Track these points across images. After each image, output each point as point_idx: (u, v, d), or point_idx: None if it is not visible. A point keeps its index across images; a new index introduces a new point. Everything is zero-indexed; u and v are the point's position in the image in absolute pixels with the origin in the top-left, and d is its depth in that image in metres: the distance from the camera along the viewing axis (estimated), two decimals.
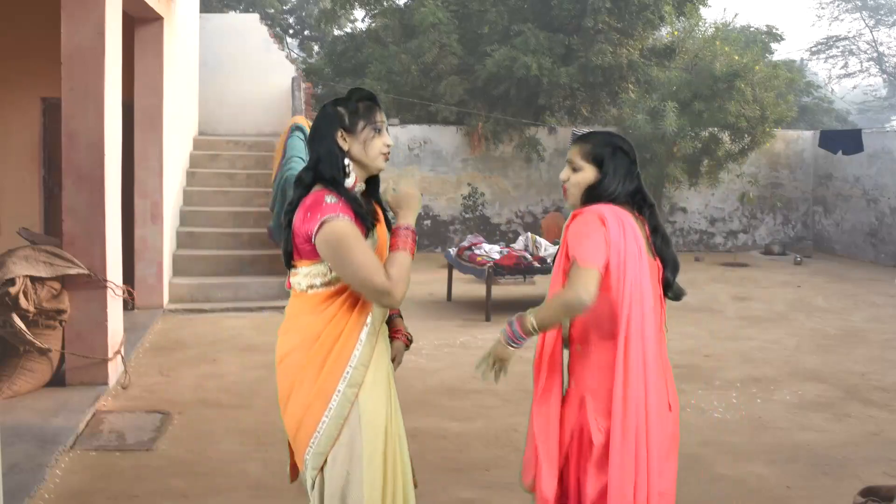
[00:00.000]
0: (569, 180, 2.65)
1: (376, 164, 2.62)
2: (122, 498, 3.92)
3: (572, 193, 2.65)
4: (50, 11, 5.93)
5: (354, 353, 2.48)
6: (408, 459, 2.64)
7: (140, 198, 8.02)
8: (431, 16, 13.05)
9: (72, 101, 5.45)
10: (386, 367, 2.60)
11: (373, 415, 2.48)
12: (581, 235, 2.47)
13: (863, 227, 13.45)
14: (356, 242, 2.40)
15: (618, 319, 2.45)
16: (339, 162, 2.54)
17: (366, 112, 2.57)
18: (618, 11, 13.07)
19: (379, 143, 2.59)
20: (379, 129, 2.58)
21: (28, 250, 5.34)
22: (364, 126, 2.56)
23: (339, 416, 2.45)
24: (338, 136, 2.55)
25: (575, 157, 2.64)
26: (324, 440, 2.45)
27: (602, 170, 2.60)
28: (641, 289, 2.48)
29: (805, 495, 4.10)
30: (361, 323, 2.50)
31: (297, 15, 23.04)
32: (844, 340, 7.62)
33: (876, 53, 29.36)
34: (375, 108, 2.60)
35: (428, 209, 13.60)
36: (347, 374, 2.46)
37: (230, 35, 12.30)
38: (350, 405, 2.45)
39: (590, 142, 2.65)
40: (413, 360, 6.67)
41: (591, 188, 2.60)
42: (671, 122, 11.85)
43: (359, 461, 2.44)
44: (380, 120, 2.59)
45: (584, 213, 2.53)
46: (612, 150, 2.62)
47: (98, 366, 5.47)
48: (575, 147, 2.68)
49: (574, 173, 2.64)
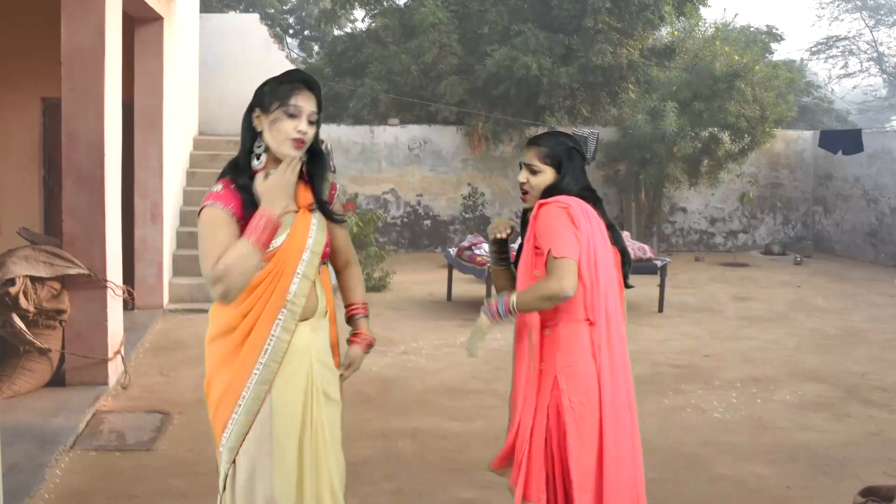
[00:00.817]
0: (528, 183, 2.75)
1: (281, 149, 2.40)
2: (122, 498, 3.92)
3: (532, 196, 2.75)
4: (50, 11, 5.93)
5: (266, 347, 2.42)
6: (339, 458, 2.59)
7: (140, 198, 8.02)
8: (431, 16, 13.05)
9: (72, 101, 5.45)
10: (308, 363, 2.50)
11: (286, 410, 2.44)
12: (554, 228, 2.57)
13: (863, 227, 13.45)
14: (210, 229, 2.34)
15: (589, 303, 2.58)
16: (247, 142, 2.45)
17: (285, 92, 2.39)
18: (618, 11, 13.08)
19: (288, 127, 2.38)
20: (292, 113, 2.38)
21: (28, 250, 5.34)
22: (278, 107, 2.38)
23: (250, 411, 2.42)
24: (253, 115, 2.44)
25: (533, 161, 2.75)
26: (234, 436, 2.44)
27: (560, 171, 2.73)
28: (609, 274, 2.65)
29: (805, 495, 4.10)
30: (273, 317, 2.43)
31: (297, 15, 23.04)
32: (844, 340, 7.62)
33: (876, 53, 29.37)
34: (300, 91, 2.40)
35: (428, 209, 13.60)
36: (257, 371, 2.42)
37: (230, 35, 12.30)
38: (260, 402, 2.42)
39: (546, 145, 2.77)
40: (413, 360, 6.68)
41: (548, 188, 2.72)
42: (671, 122, 11.85)
43: (267, 456, 2.42)
44: (295, 104, 2.39)
45: (551, 206, 2.62)
46: (567, 151, 2.76)
47: (98, 366, 5.47)
48: (531, 151, 2.78)
49: (533, 176, 2.75)
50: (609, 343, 2.60)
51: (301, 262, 2.46)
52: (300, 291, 2.46)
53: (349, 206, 10.94)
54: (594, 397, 2.57)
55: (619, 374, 2.62)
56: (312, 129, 2.44)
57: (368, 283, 9.69)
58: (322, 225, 2.53)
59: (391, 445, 4.68)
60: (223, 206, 2.37)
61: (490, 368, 6.41)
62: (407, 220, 13.56)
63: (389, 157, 13.50)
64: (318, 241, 2.51)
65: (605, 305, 2.61)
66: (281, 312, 2.44)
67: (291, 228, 2.46)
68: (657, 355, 6.93)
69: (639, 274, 9.20)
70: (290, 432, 2.44)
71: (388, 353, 6.81)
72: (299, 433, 2.45)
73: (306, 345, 2.50)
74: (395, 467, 4.35)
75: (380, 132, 13.50)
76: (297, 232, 2.46)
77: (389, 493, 4.01)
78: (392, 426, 4.96)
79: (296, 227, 2.46)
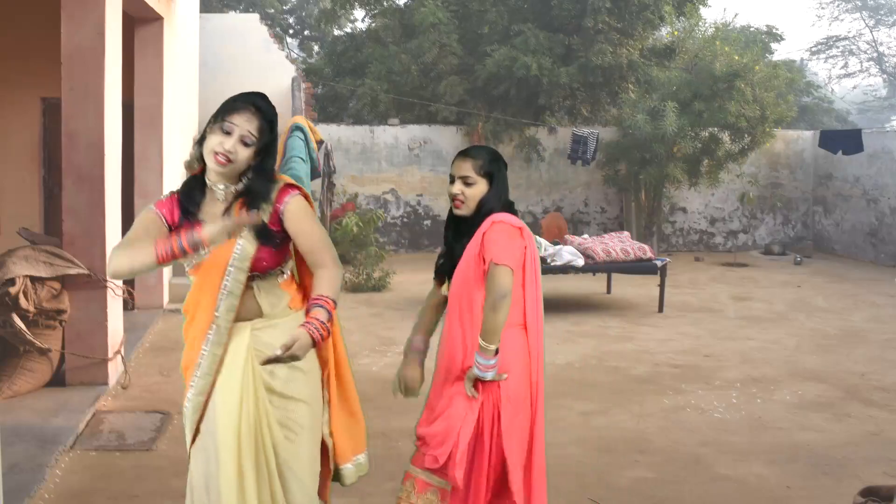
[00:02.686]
0: (463, 193, 2.95)
1: (209, 162, 2.49)
2: (122, 498, 3.92)
3: (469, 206, 2.96)
4: (50, 11, 5.93)
5: (199, 362, 2.57)
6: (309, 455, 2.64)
7: (140, 198, 8.00)
8: (431, 16, 13.05)
9: (72, 101, 5.45)
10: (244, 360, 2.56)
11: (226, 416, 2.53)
12: (501, 241, 2.82)
13: (863, 227, 13.44)
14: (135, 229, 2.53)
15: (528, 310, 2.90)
16: (196, 149, 2.57)
17: (226, 108, 2.50)
18: (618, 11, 13.07)
19: (213, 141, 2.47)
20: (226, 129, 2.46)
21: (28, 250, 5.34)
22: (215, 121, 2.51)
23: (192, 420, 2.59)
24: (207, 128, 2.57)
25: (469, 172, 2.94)
26: (187, 438, 2.63)
27: (492, 183, 2.95)
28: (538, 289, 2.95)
29: (805, 495, 4.10)
30: (205, 330, 2.56)
31: (297, 15, 23.04)
32: (844, 340, 7.61)
33: (876, 53, 29.37)
34: (241, 110, 2.48)
35: (428, 209, 13.60)
36: (193, 384, 2.58)
37: (230, 35, 12.30)
38: (199, 412, 2.58)
39: (479, 158, 2.96)
40: None
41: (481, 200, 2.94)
42: (671, 122, 11.85)
43: (214, 460, 2.53)
44: (232, 122, 2.46)
45: (503, 224, 2.87)
46: (498, 164, 2.98)
47: (98, 366, 5.47)
48: (465, 163, 2.96)
49: (468, 187, 2.95)
50: (537, 346, 2.92)
51: (225, 280, 2.54)
52: (227, 307, 2.55)
53: (349, 207, 10.94)
54: (527, 393, 2.88)
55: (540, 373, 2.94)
56: (244, 150, 2.48)
57: (368, 282, 9.68)
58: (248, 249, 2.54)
59: (391, 445, 4.68)
60: (156, 210, 2.56)
61: None
62: (407, 220, 13.56)
63: (389, 157, 13.50)
64: (243, 259, 2.54)
65: (538, 313, 2.93)
66: (211, 327, 2.56)
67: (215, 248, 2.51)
68: (657, 355, 6.93)
69: (639, 274, 9.22)
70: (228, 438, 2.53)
71: (388, 353, 6.81)
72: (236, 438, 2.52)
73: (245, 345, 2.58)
74: (395, 467, 4.34)
75: (380, 132, 13.49)
76: (220, 251, 2.51)
77: (389, 493, 4.01)
78: (392, 426, 4.96)
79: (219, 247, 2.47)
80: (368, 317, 8.25)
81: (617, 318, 8.37)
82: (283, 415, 2.58)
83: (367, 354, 6.73)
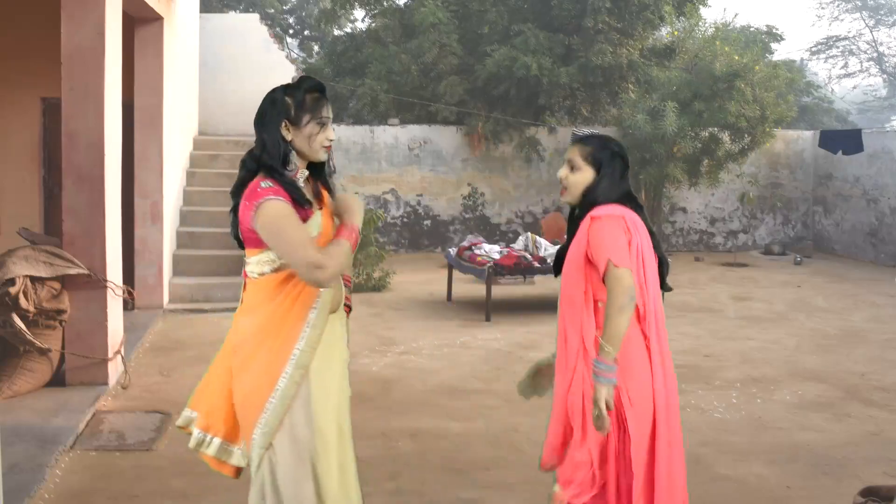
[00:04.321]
0: (567, 179, 2.79)
1: (318, 156, 2.67)
2: (122, 498, 3.93)
3: (572, 193, 2.81)
4: (50, 11, 5.93)
5: (302, 335, 2.58)
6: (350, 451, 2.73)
7: (140, 198, 8.02)
8: (431, 16, 13.04)
9: (72, 101, 5.45)
10: (339, 352, 2.69)
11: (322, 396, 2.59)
12: (609, 239, 2.64)
13: (863, 227, 13.44)
14: (288, 220, 2.49)
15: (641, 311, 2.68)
16: (282, 152, 2.60)
17: (313, 105, 2.62)
18: (618, 11, 13.07)
19: (322, 138, 2.64)
20: (324, 123, 2.63)
21: (28, 250, 5.34)
22: (309, 120, 2.61)
23: (287, 395, 2.55)
24: (282, 127, 2.60)
25: (575, 157, 2.78)
26: (272, 419, 2.55)
27: (600, 172, 2.77)
28: (656, 282, 2.75)
29: (805, 495, 4.10)
30: (309, 306, 2.60)
31: (297, 15, 23.03)
32: (844, 340, 7.61)
33: (876, 53, 29.37)
34: (323, 102, 2.64)
35: (428, 209, 13.60)
36: (294, 357, 2.56)
37: (230, 35, 12.30)
38: (297, 386, 2.56)
39: (590, 144, 2.80)
40: (413, 360, 6.68)
41: (587, 190, 2.77)
42: (671, 122, 11.85)
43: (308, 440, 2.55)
44: (325, 115, 2.64)
45: (604, 219, 2.68)
46: (610, 154, 2.78)
47: (98, 366, 5.47)
48: (575, 147, 2.81)
49: (572, 173, 2.79)
50: (660, 348, 2.71)
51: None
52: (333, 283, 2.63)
53: None
54: (650, 399, 2.67)
55: (670, 377, 2.74)
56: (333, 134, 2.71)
57: (368, 282, 9.69)
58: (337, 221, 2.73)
59: (391, 445, 4.68)
60: (284, 200, 2.52)
61: (490, 368, 6.41)
62: (407, 220, 13.55)
63: (389, 157, 13.50)
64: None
65: (656, 309, 2.72)
66: (315, 303, 2.61)
67: (322, 224, 2.65)
68: None
69: None
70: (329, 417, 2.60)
71: (388, 353, 6.81)
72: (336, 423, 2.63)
73: (338, 335, 2.70)
74: (395, 467, 4.35)
75: (380, 132, 13.50)
76: (327, 227, 2.67)
77: (389, 493, 4.01)
78: (392, 426, 4.96)
79: (325, 222, 2.67)
80: (368, 317, 8.25)
81: None
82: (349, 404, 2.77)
83: (367, 354, 6.73)
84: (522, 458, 4.45)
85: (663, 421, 2.68)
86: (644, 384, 2.67)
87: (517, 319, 8.20)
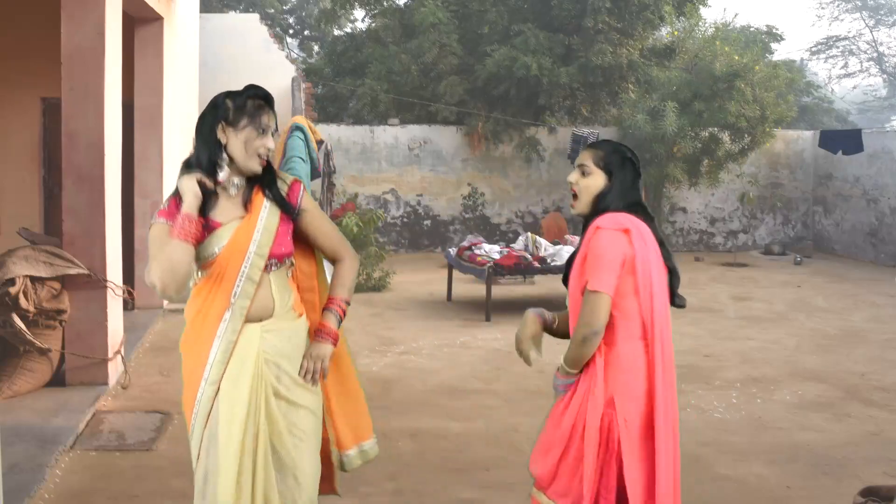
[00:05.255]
0: (578, 183, 2.74)
1: (249, 164, 2.56)
2: (122, 498, 3.92)
3: (583, 199, 2.74)
4: (50, 11, 5.93)
5: (212, 350, 2.54)
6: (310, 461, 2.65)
7: (140, 198, 8.01)
8: (431, 16, 13.05)
9: (72, 101, 5.44)
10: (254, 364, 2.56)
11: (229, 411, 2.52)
12: (599, 257, 2.57)
13: (863, 227, 13.44)
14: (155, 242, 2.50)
15: (646, 323, 2.61)
16: (213, 154, 2.56)
17: (253, 111, 2.54)
18: (618, 11, 13.07)
19: (258, 144, 2.55)
20: (263, 130, 2.55)
21: (28, 250, 5.34)
22: (248, 124, 2.54)
23: (205, 410, 2.54)
24: (218, 129, 2.56)
25: (587, 162, 2.74)
26: (196, 429, 2.56)
27: (611, 179, 2.71)
28: (663, 294, 2.67)
29: (805, 495, 4.10)
30: (219, 319, 2.55)
31: (297, 15, 23.03)
32: (844, 340, 7.61)
33: (876, 53, 29.37)
34: (265, 110, 2.56)
35: (428, 209, 13.60)
36: (207, 372, 2.54)
37: (230, 35, 12.30)
38: (211, 402, 2.54)
39: (603, 149, 2.76)
40: (413, 360, 6.68)
41: (598, 196, 2.72)
42: (671, 122, 11.85)
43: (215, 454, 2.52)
44: (266, 123, 2.55)
45: (606, 231, 2.61)
46: (621, 160, 2.74)
47: (98, 366, 5.47)
48: (587, 152, 2.78)
49: (584, 178, 2.74)
50: (663, 362, 2.62)
51: (244, 264, 2.54)
52: (243, 293, 2.54)
53: (349, 207, 10.93)
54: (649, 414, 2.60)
55: (670, 391, 2.65)
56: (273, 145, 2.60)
57: (368, 282, 9.69)
58: (270, 229, 2.58)
59: (391, 445, 4.67)
60: (166, 221, 2.52)
61: (490, 368, 6.41)
62: (407, 220, 13.55)
63: (389, 157, 13.50)
64: (263, 244, 2.56)
65: (661, 325, 2.63)
66: (226, 313, 2.54)
67: (234, 232, 2.55)
68: None
69: None
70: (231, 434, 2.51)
71: (388, 353, 6.81)
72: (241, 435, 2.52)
73: (255, 346, 2.57)
74: (395, 467, 4.35)
75: (380, 132, 13.50)
76: (239, 235, 2.56)
77: (389, 493, 4.01)
78: (392, 426, 4.96)
79: (238, 230, 2.56)
80: (368, 317, 8.25)
81: None
82: (289, 420, 2.60)
83: (367, 354, 6.73)
84: (522, 459, 4.44)
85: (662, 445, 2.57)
86: (639, 404, 2.59)
87: (517, 319, 8.10)
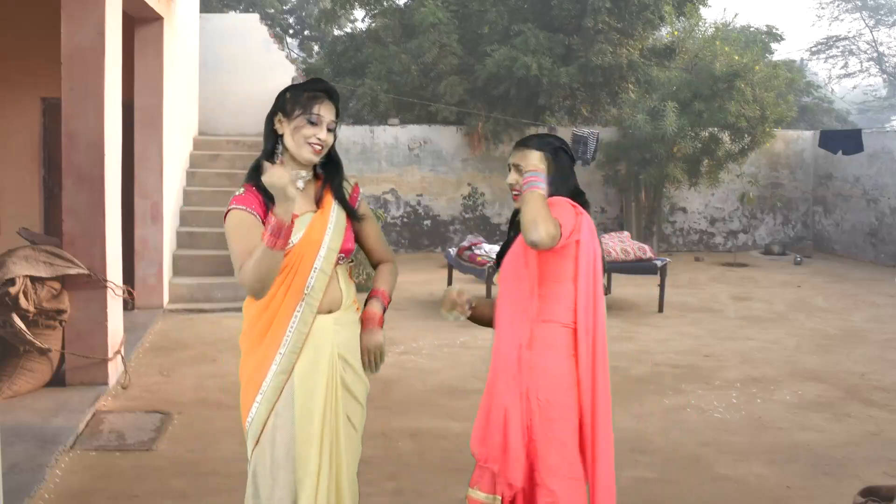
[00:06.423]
0: (518, 183, 2.72)
1: (301, 153, 2.57)
2: (122, 498, 3.92)
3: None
4: (50, 11, 5.93)
5: (284, 339, 2.54)
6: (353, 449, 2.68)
7: (140, 198, 8.02)
8: (431, 16, 13.04)
9: (72, 101, 5.45)
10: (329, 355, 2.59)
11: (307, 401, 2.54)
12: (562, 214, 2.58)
13: (863, 227, 13.45)
14: (237, 232, 2.49)
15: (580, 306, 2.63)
16: (269, 144, 2.59)
17: (307, 101, 2.56)
18: (618, 11, 13.07)
19: (308, 132, 2.55)
20: (314, 121, 2.55)
21: (28, 250, 5.34)
22: (300, 114, 2.55)
23: (270, 400, 2.54)
24: (276, 120, 2.59)
25: (520, 161, 2.75)
26: (256, 422, 2.55)
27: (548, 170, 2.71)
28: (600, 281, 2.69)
29: (805, 495, 4.10)
30: (292, 310, 2.55)
31: (297, 15, 23.03)
32: (844, 340, 7.61)
33: (876, 53, 29.37)
34: (319, 100, 2.57)
35: (428, 209, 13.60)
36: (276, 362, 2.54)
37: (230, 35, 12.30)
38: (279, 391, 2.54)
39: (532, 145, 2.77)
40: (413, 360, 6.68)
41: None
42: (671, 122, 11.85)
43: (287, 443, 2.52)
44: (317, 112, 2.56)
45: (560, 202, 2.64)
46: (554, 150, 2.75)
47: (98, 366, 5.47)
48: (518, 152, 2.78)
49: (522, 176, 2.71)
50: (594, 346, 2.64)
51: (318, 258, 2.58)
52: (318, 285, 2.58)
53: None
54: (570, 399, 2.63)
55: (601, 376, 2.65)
56: (330, 137, 2.62)
57: (368, 282, 9.68)
58: (340, 224, 2.65)
59: (391, 445, 4.68)
60: (245, 209, 2.52)
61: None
62: (407, 220, 13.56)
63: (389, 157, 13.50)
64: (335, 239, 2.62)
65: (595, 310, 2.66)
66: (299, 305, 2.56)
67: (308, 226, 2.59)
68: (657, 355, 6.93)
69: (639, 274, 9.22)
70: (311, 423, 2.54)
71: (389, 353, 6.78)
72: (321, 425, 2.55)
73: (329, 337, 2.60)
74: (395, 467, 4.35)
75: (380, 132, 13.50)
76: (313, 230, 2.60)
77: (389, 493, 4.01)
78: (392, 426, 4.96)
79: (312, 224, 2.60)
80: None
81: (617, 318, 8.36)
82: (347, 413, 2.65)
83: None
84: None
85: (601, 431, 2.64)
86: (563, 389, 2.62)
87: None
